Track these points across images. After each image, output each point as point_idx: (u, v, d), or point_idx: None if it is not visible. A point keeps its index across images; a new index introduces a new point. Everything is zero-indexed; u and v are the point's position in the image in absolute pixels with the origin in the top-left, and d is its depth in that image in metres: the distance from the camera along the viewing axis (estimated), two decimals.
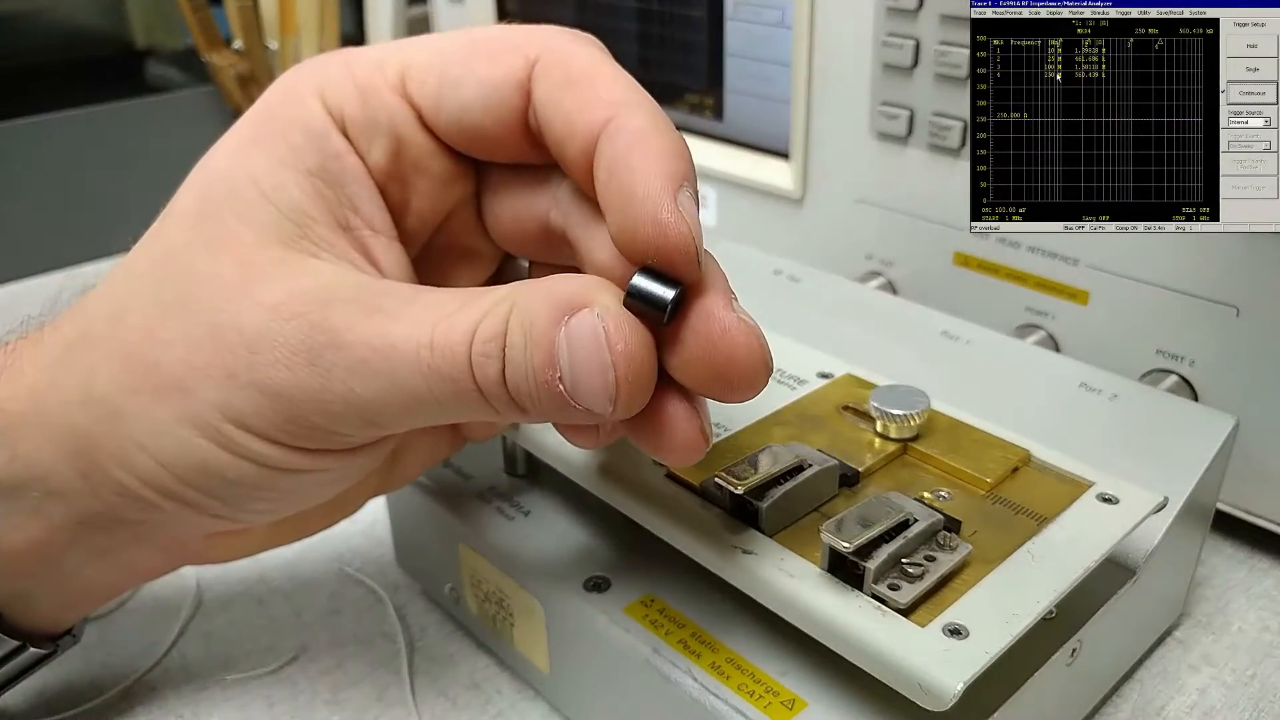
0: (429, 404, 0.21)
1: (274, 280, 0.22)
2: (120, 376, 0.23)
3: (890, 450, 0.27)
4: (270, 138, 0.24)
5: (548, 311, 0.20)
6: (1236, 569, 0.36)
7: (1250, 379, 0.33)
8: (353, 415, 0.22)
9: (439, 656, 0.33)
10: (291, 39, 0.67)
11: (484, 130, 0.23)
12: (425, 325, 0.21)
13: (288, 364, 0.22)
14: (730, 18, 0.46)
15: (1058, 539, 0.24)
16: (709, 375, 0.21)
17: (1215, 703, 0.31)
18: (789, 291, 0.38)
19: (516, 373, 0.21)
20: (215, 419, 0.23)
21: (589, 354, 0.20)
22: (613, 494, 0.27)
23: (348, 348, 0.21)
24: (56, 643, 0.28)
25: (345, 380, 0.21)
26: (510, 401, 0.21)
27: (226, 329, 0.22)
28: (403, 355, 0.21)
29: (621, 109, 0.21)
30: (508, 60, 0.23)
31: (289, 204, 0.23)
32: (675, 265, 0.20)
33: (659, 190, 0.20)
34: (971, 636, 0.21)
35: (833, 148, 0.43)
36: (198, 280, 0.23)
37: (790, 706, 0.24)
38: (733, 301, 0.21)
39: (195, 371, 0.22)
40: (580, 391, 0.20)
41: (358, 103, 0.24)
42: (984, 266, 0.39)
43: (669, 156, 0.21)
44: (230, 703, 0.31)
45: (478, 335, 0.21)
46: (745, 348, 0.20)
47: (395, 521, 0.35)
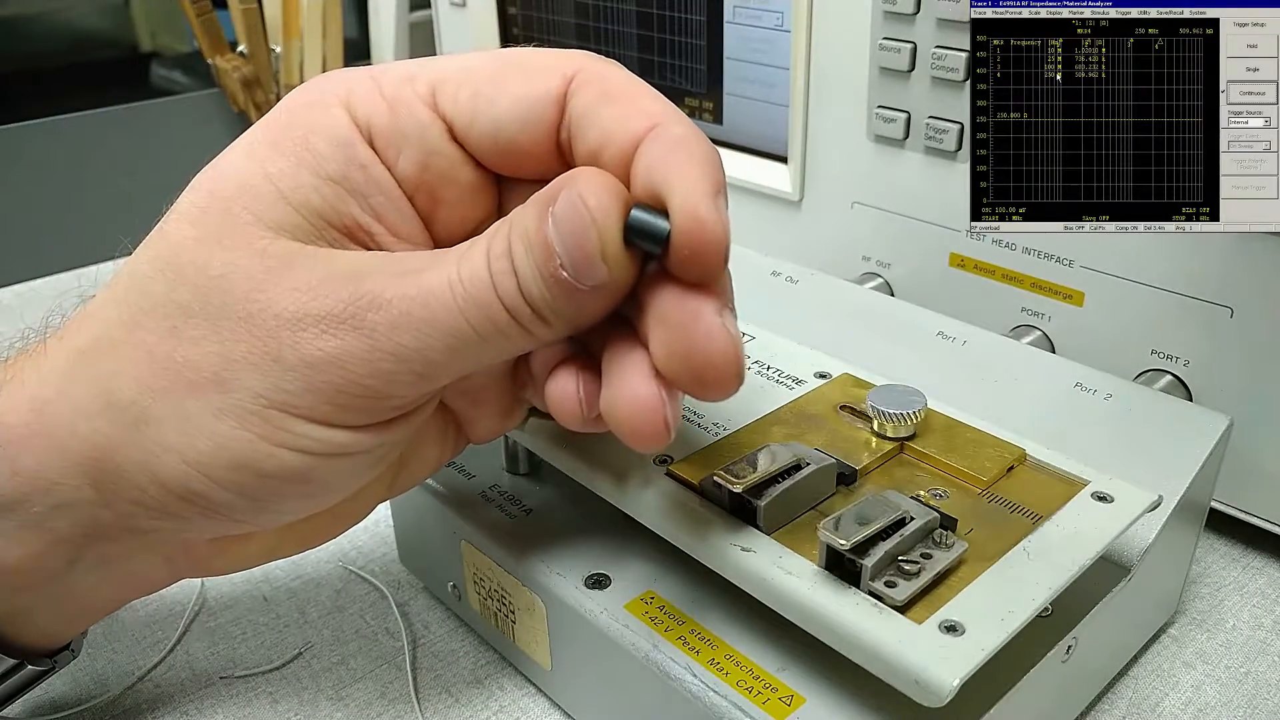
0: (470, 340, 0.22)
1: (301, 268, 0.23)
2: (145, 379, 0.23)
3: (887, 449, 0.27)
4: (290, 142, 0.23)
5: (535, 213, 0.22)
6: (1230, 567, 0.36)
7: (1244, 379, 0.34)
8: (404, 370, 0.23)
9: (442, 653, 0.33)
10: (295, 43, 0.68)
11: (517, 144, 0.24)
12: (450, 265, 0.22)
13: (335, 333, 0.22)
14: (729, 21, 0.46)
15: (1053, 537, 0.24)
16: (687, 370, 0.22)
17: (1209, 700, 0.31)
18: (787, 292, 0.39)
19: (527, 278, 0.22)
20: (258, 406, 0.23)
21: (572, 223, 0.21)
22: (613, 492, 0.27)
23: (388, 305, 0.22)
24: (54, 659, 0.28)
25: (390, 335, 0.22)
26: (532, 313, 0.22)
27: (262, 315, 0.22)
28: (438, 297, 0.22)
29: (662, 119, 0.23)
30: (544, 77, 0.23)
31: (307, 206, 0.23)
32: (705, 261, 0.21)
33: (699, 189, 0.21)
34: (967, 633, 0.21)
35: (830, 151, 0.43)
36: (217, 274, 0.23)
37: (788, 702, 0.24)
38: (726, 311, 0.22)
39: (234, 362, 0.23)
40: (576, 265, 0.21)
41: (386, 114, 0.24)
42: (980, 268, 0.39)
43: (708, 163, 0.22)
44: (234, 700, 0.32)
45: (490, 254, 0.22)
46: (723, 355, 0.22)
47: (398, 520, 0.36)
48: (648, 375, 0.23)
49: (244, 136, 0.25)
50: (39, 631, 0.27)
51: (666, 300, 0.22)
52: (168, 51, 0.79)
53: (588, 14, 0.53)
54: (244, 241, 0.23)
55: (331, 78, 0.25)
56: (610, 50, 0.52)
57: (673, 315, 0.22)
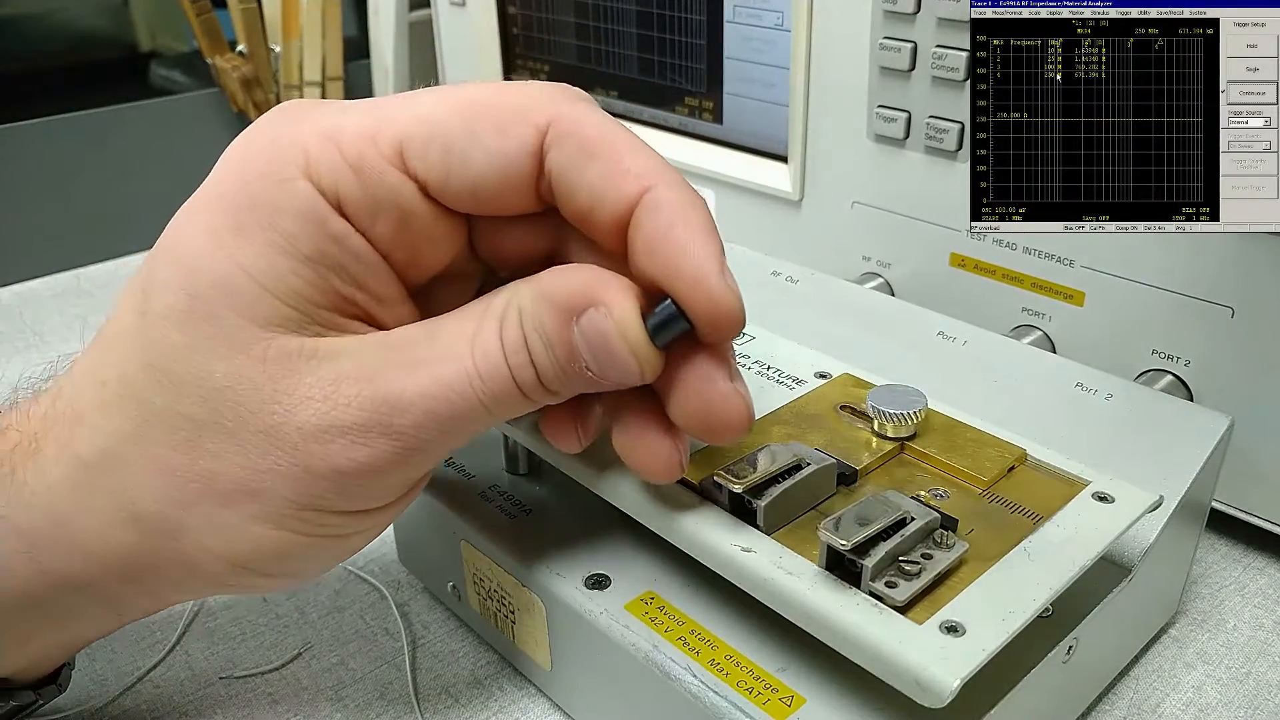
0: (484, 420, 0.24)
1: (306, 373, 0.23)
2: (170, 494, 0.23)
3: (888, 449, 0.27)
4: (256, 226, 0.22)
5: (555, 317, 0.23)
6: (1231, 567, 0.36)
7: (1245, 378, 0.33)
8: (428, 459, 0.24)
9: (441, 653, 0.33)
10: (295, 43, 0.68)
11: (497, 197, 0.24)
12: (464, 357, 0.23)
13: (363, 442, 0.23)
14: (729, 21, 0.46)
15: (1054, 537, 0.24)
16: (701, 426, 0.24)
17: (1210, 700, 0.31)
18: (787, 292, 0.39)
19: (547, 372, 0.23)
20: (293, 510, 0.23)
21: (608, 349, 0.22)
22: (613, 492, 0.27)
23: (411, 407, 0.23)
24: (38, 692, 0.28)
25: (417, 434, 0.23)
26: (548, 393, 0.23)
27: (283, 430, 0.22)
28: (460, 394, 0.23)
29: (652, 181, 0.23)
30: (517, 131, 0.23)
31: (289, 293, 0.22)
32: (724, 334, 0.23)
33: (709, 269, 0.22)
34: (968, 634, 0.21)
35: (831, 150, 0.43)
36: (222, 386, 0.22)
37: (789, 703, 0.24)
38: (734, 372, 0.24)
39: (262, 474, 0.23)
40: (610, 373, 0.23)
41: (354, 180, 0.23)
42: (980, 268, 0.39)
43: (708, 233, 0.22)
44: (234, 700, 0.32)
45: (506, 348, 0.23)
46: (736, 414, 0.23)
47: (398, 520, 0.36)
48: (663, 430, 0.24)
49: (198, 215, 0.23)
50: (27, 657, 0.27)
51: (681, 368, 0.23)
52: (168, 51, 0.79)
53: (588, 14, 0.53)
54: (239, 347, 0.22)
55: (282, 136, 0.23)
56: (611, 50, 0.52)
57: (690, 383, 0.23)
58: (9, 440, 0.24)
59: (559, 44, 0.55)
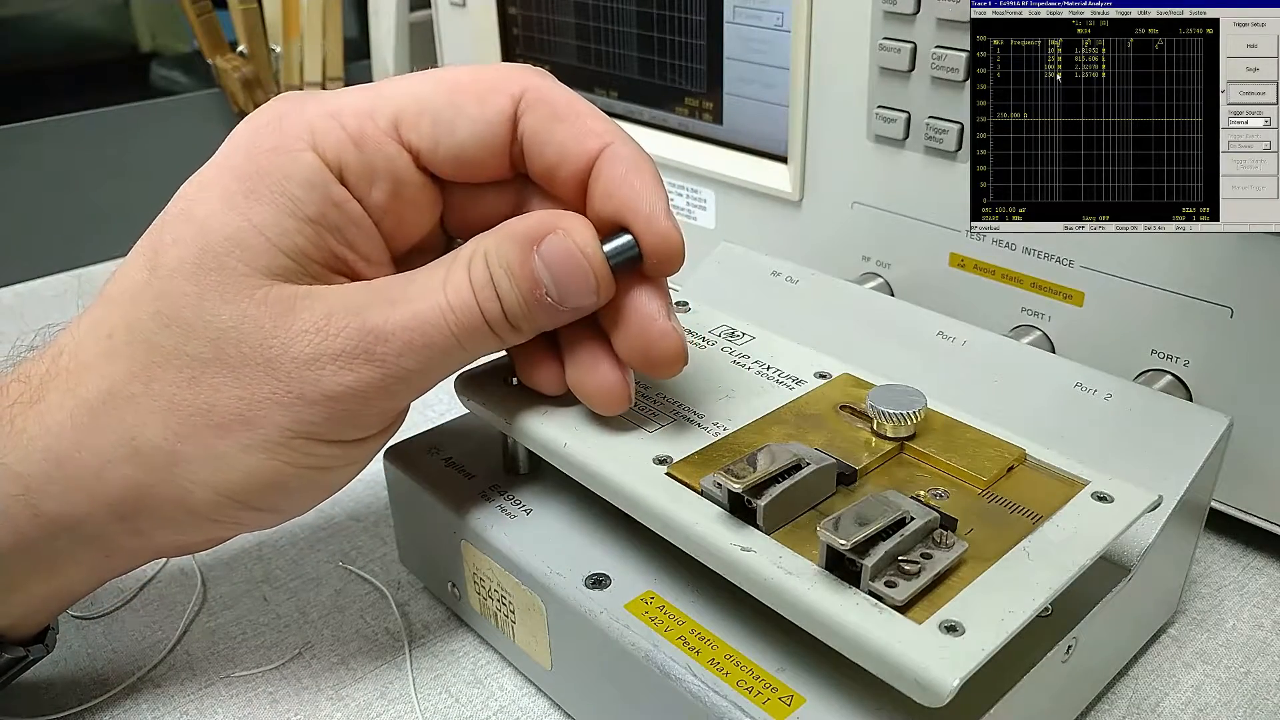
0: (457, 353, 0.26)
1: (303, 310, 0.25)
2: (172, 426, 0.26)
3: (887, 449, 0.27)
4: (266, 191, 0.25)
5: (517, 250, 0.26)
6: (1230, 567, 0.36)
7: (1244, 378, 0.34)
8: (408, 388, 0.26)
9: (441, 653, 0.33)
10: (295, 43, 0.68)
11: (478, 161, 0.27)
12: (437, 294, 0.26)
13: (351, 367, 0.25)
14: (729, 21, 0.46)
15: (1053, 537, 0.24)
16: (643, 359, 0.27)
17: (1209, 700, 0.31)
18: (787, 292, 0.39)
19: (511, 304, 0.26)
20: (285, 438, 0.26)
21: (568, 266, 0.26)
22: (613, 492, 0.27)
23: (392, 336, 0.25)
24: (28, 649, 0.29)
25: (398, 362, 0.26)
26: (511, 327, 0.26)
27: (281, 360, 0.25)
28: (434, 324, 0.26)
29: (611, 139, 0.26)
30: (494, 99, 0.26)
31: (292, 248, 0.26)
32: (671, 266, 0.27)
33: (658, 207, 0.26)
34: (968, 633, 0.21)
35: (830, 151, 0.43)
36: (228, 326, 0.25)
37: (788, 702, 0.24)
38: (671, 310, 0.27)
39: (258, 403, 0.25)
40: (568, 296, 0.26)
41: (355, 151, 0.26)
42: (980, 268, 0.39)
43: (656, 179, 0.26)
44: (235, 699, 0.32)
45: (474, 284, 0.26)
46: (673, 347, 0.27)
47: (398, 519, 0.36)
48: (613, 364, 0.28)
49: (212, 181, 0.26)
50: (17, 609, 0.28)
51: (626, 308, 0.27)
52: (168, 51, 0.79)
53: (588, 14, 0.53)
54: (244, 293, 0.25)
55: (288, 115, 0.26)
56: (611, 50, 0.52)
57: (634, 320, 0.27)
58: (10, 394, 0.26)
59: (559, 44, 0.55)
